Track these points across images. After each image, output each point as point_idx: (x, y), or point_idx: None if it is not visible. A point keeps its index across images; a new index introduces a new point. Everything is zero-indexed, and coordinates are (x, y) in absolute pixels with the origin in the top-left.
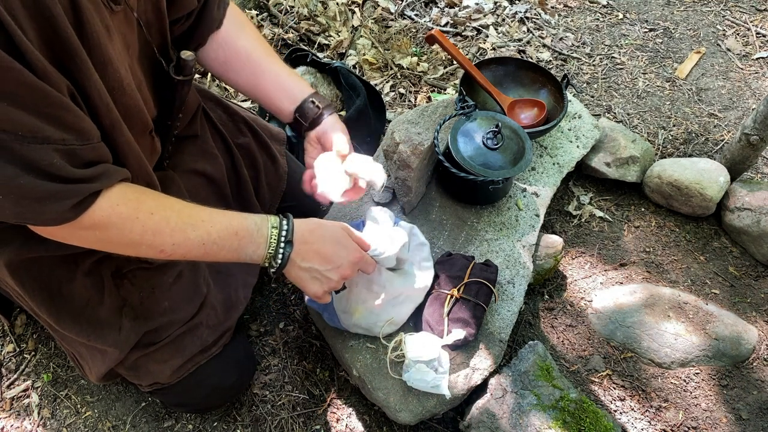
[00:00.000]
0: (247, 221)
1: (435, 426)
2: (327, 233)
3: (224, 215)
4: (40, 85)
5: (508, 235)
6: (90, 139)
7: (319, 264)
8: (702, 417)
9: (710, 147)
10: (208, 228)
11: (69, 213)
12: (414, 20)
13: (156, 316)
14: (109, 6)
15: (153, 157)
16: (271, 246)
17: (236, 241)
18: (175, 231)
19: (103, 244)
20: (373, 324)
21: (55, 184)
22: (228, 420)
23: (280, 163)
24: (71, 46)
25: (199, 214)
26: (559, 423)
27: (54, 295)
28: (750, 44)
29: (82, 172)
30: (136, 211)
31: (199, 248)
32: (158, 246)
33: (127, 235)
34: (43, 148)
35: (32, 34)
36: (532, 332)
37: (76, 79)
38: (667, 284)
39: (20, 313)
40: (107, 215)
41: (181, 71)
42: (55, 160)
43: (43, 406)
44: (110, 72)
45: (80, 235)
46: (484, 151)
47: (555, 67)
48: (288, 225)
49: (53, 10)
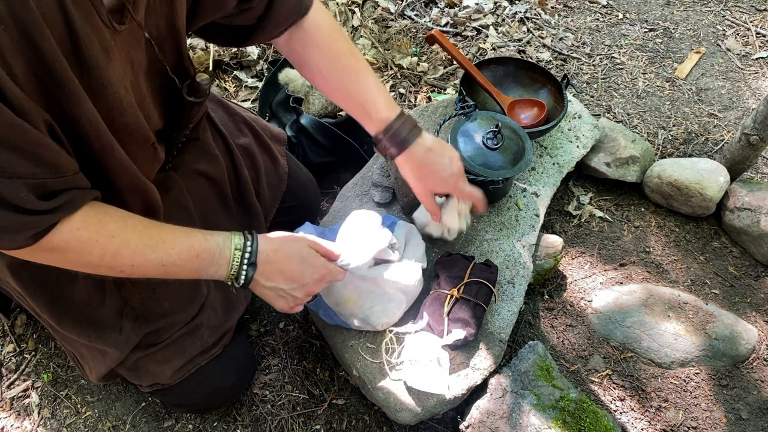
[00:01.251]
0: (210, 243)
1: (435, 426)
2: (292, 252)
3: (188, 236)
4: (18, 123)
5: (508, 235)
6: (64, 173)
7: (283, 283)
8: (702, 417)
9: (710, 147)
10: (168, 250)
11: (28, 241)
12: (414, 20)
13: (157, 317)
14: (111, 26)
15: (155, 166)
16: (233, 268)
17: (197, 263)
18: (135, 253)
19: (61, 264)
20: (369, 312)
21: (18, 215)
22: (228, 420)
23: (281, 164)
24: (60, 77)
25: (160, 234)
26: (559, 423)
27: (55, 296)
28: (750, 44)
29: (47, 204)
30: (97, 235)
31: (158, 269)
32: (118, 267)
33: (86, 257)
34: (12, 182)
35: (18, 67)
36: (532, 332)
37: (64, 108)
38: (667, 284)
39: (20, 313)
40: (66, 239)
41: (193, 93)
42: (23, 193)
43: (43, 406)
44: (109, 93)
45: (37, 256)
46: (484, 151)
47: (555, 67)
48: (252, 246)
49: (41, 44)
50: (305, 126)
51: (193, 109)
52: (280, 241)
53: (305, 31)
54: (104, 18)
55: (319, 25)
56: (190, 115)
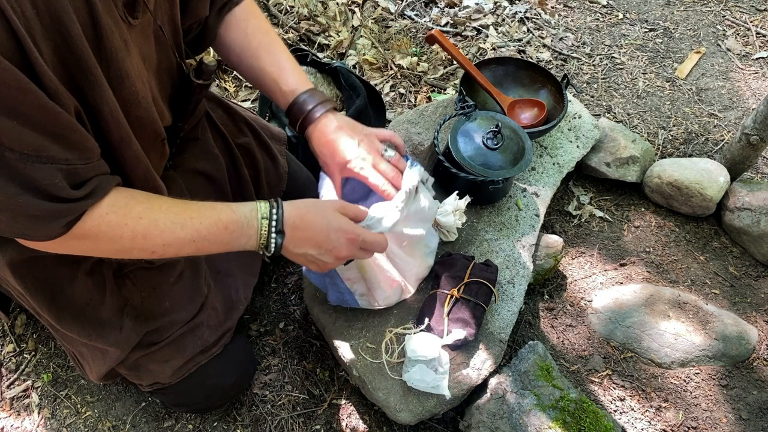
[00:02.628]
0: (237, 214)
1: (435, 426)
2: (318, 217)
3: (213, 209)
4: (51, 106)
5: (508, 235)
6: (91, 158)
7: (311, 249)
8: (702, 417)
9: (710, 147)
10: (197, 225)
11: (62, 229)
12: (414, 20)
13: (157, 316)
14: (126, 20)
15: (162, 162)
16: (262, 237)
17: (226, 236)
18: (165, 232)
19: (94, 251)
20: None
21: (53, 204)
22: (228, 420)
23: (281, 163)
24: (86, 64)
25: (187, 211)
26: (559, 423)
27: (55, 295)
28: (750, 44)
29: (79, 192)
30: (125, 218)
31: (189, 246)
32: (149, 248)
33: (117, 242)
34: (47, 168)
35: (47, 52)
36: (532, 332)
37: (87, 96)
38: (667, 284)
39: (20, 313)
40: (97, 225)
41: (201, 75)
42: (57, 180)
43: (43, 406)
44: (127, 86)
45: (70, 245)
46: (484, 151)
47: (555, 67)
48: (278, 214)
49: (71, 29)
50: None
51: (201, 94)
52: (306, 206)
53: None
54: (120, 12)
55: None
56: (197, 101)
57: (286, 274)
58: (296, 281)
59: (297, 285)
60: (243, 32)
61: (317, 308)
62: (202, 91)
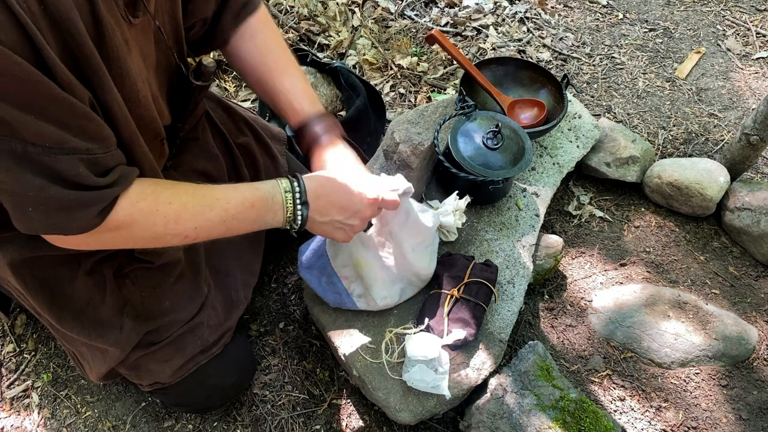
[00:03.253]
0: (261, 191)
1: (435, 426)
2: (337, 183)
3: (236, 189)
4: (66, 98)
5: (508, 235)
6: (110, 146)
7: (337, 214)
8: (702, 417)
9: (710, 147)
10: (225, 205)
11: (96, 219)
12: (414, 20)
13: (157, 315)
14: (127, 19)
15: (161, 161)
16: (288, 210)
17: (254, 213)
18: (195, 215)
19: (129, 241)
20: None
21: (82, 192)
22: (228, 420)
23: (281, 163)
24: (93, 60)
25: (212, 193)
26: (559, 423)
27: (56, 295)
28: (750, 44)
29: (105, 180)
30: (156, 204)
31: (220, 226)
32: (182, 233)
33: (151, 228)
34: (69, 159)
35: (56, 49)
36: (532, 332)
37: (97, 93)
38: (667, 284)
39: (20, 313)
40: (129, 213)
41: (200, 77)
42: (81, 169)
43: (43, 406)
44: (127, 84)
45: (106, 238)
46: (484, 151)
47: (555, 67)
48: (300, 186)
49: (78, 28)
50: None
51: (200, 95)
52: (325, 176)
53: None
54: (121, 11)
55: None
56: (196, 102)
57: (286, 274)
58: (296, 281)
59: (297, 285)
60: (256, 47)
61: (317, 308)
62: (202, 92)
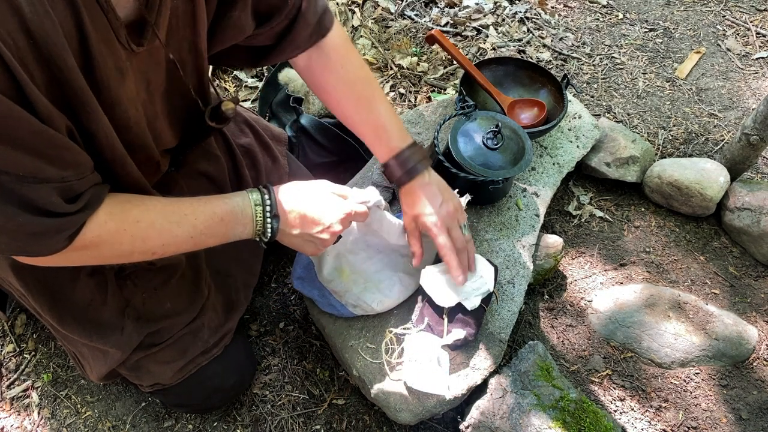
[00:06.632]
0: (230, 205)
1: (435, 426)
2: (309, 195)
3: (207, 203)
4: (45, 130)
5: (508, 235)
6: (85, 172)
7: (308, 228)
8: (702, 417)
9: (710, 147)
10: (193, 221)
11: (64, 242)
12: (414, 20)
13: (158, 317)
14: (128, 47)
15: (156, 176)
16: (258, 224)
17: (223, 227)
18: (162, 233)
19: (97, 260)
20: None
21: (52, 220)
22: (228, 420)
23: (281, 164)
24: (82, 92)
25: (181, 209)
26: (559, 423)
27: (57, 296)
28: (750, 44)
29: (75, 206)
30: (123, 223)
31: (188, 242)
32: (149, 250)
33: (118, 247)
34: (42, 187)
35: (39, 77)
36: (532, 332)
37: (82, 121)
38: (667, 284)
39: (20, 313)
40: (97, 234)
41: (216, 118)
42: (53, 198)
43: (43, 406)
44: (118, 112)
45: (73, 257)
46: (484, 151)
47: (555, 67)
48: (270, 198)
49: (67, 62)
50: (305, 126)
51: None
52: (297, 188)
53: (326, 55)
54: (122, 40)
55: (337, 48)
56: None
57: (286, 274)
58: None
59: None
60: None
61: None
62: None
